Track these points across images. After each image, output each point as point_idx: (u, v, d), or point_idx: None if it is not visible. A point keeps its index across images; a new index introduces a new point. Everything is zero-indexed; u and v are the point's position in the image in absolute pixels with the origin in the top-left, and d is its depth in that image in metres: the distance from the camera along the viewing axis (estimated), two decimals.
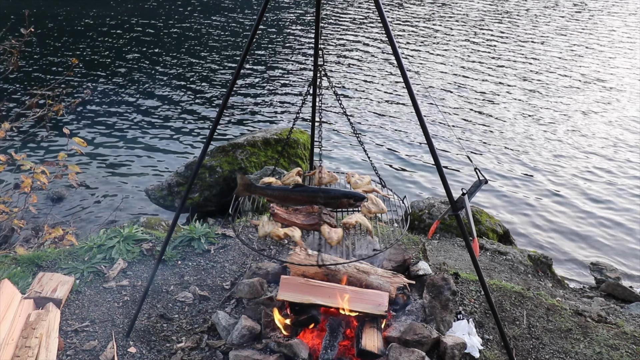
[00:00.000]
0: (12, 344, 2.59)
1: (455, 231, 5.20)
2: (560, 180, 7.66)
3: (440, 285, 3.04)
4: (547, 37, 16.19)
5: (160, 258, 2.83)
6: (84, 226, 6.12)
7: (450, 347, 2.76)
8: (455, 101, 10.50)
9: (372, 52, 13.87)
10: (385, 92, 10.96)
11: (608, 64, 13.49)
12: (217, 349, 2.82)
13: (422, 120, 2.35)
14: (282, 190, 2.67)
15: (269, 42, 14.56)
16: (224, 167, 6.32)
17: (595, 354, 3.00)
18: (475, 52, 14.07)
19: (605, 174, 7.90)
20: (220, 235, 3.97)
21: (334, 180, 2.92)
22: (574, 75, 12.54)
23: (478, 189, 2.51)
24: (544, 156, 8.38)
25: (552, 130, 9.32)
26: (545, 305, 3.39)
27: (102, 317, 3.06)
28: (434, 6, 20.28)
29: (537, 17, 19.07)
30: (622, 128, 9.55)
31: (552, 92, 11.25)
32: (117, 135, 8.55)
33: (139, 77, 11.25)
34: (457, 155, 8.28)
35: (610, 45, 15.45)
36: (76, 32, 14.27)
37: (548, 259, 4.99)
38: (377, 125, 9.34)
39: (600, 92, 11.37)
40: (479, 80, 11.81)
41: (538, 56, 13.97)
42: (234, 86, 2.56)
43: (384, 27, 2.30)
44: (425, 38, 15.38)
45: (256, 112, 9.85)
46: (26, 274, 3.37)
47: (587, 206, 7.04)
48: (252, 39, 2.49)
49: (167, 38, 14.27)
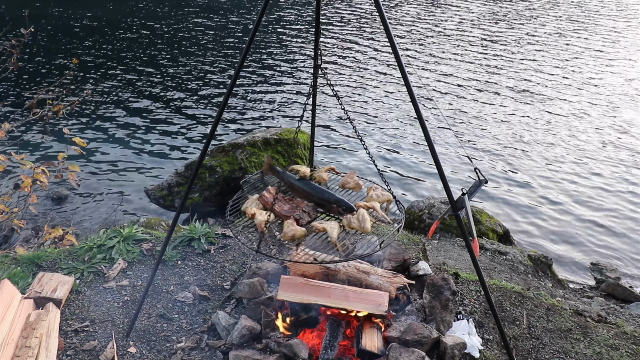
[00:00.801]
0: (12, 344, 2.59)
1: (455, 231, 5.20)
2: (561, 180, 7.66)
3: (440, 285, 3.04)
4: (547, 38, 16.20)
5: (160, 258, 2.83)
6: (84, 226, 6.11)
7: (450, 347, 2.76)
8: (456, 101, 10.50)
9: (372, 52, 13.88)
10: (385, 92, 10.96)
11: (606, 67, 13.49)
12: (217, 349, 2.82)
13: (422, 120, 2.34)
14: (290, 178, 2.76)
15: (268, 42, 14.56)
16: (224, 167, 6.32)
17: (595, 354, 3.00)
18: (476, 52, 14.07)
19: (605, 174, 7.90)
20: (220, 235, 3.97)
21: (357, 188, 2.93)
22: (573, 77, 12.55)
23: (478, 189, 2.52)
24: (544, 156, 8.38)
25: (552, 131, 9.32)
26: (545, 305, 3.39)
27: (102, 317, 3.06)
28: (434, 7, 20.28)
29: (536, 19, 19.08)
30: (623, 129, 9.55)
31: (553, 93, 11.25)
32: (117, 135, 8.55)
33: (138, 77, 11.25)
34: (457, 156, 8.28)
35: (611, 47, 15.46)
36: (75, 32, 14.27)
37: (548, 259, 4.99)
38: (377, 125, 9.34)
39: (599, 95, 11.37)
40: (478, 80, 11.81)
41: (538, 57, 13.98)
42: (233, 86, 2.56)
43: (384, 27, 2.30)
44: (425, 38, 15.38)
45: (256, 112, 9.86)
46: (26, 274, 3.37)
47: (587, 206, 7.05)
48: (251, 39, 2.49)
49: (166, 38, 14.27)
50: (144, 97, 10.17)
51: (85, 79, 10.81)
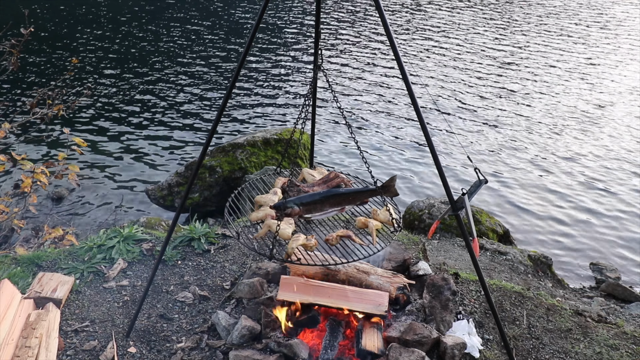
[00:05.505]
0: (12, 344, 2.59)
1: (455, 231, 5.20)
2: (560, 180, 7.66)
3: (440, 285, 3.04)
4: (548, 38, 16.20)
5: (160, 258, 2.83)
6: (84, 226, 6.11)
7: (450, 347, 2.76)
8: (456, 101, 10.50)
9: (371, 52, 13.88)
10: (385, 92, 10.96)
11: (615, 67, 13.50)
12: (217, 349, 2.82)
13: (422, 120, 2.34)
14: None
15: (268, 42, 14.56)
16: (224, 167, 6.33)
17: (595, 354, 3.00)
18: (475, 53, 14.07)
19: (605, 174, 7.90)
20: (220, 235, 3.97)
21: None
22: (578, 77, 12.55)
23: (478, 189, 2.52)
24: (544, 156, 8.38)
25: (552, 131, 9.32)
26: (545, 305, 3.39)
27: (102, 317, 3.06)
28: (433, 8, 20.28)
29: (542, 19, 19.08)
30: (623, 130, 9.55)
31: (553, 93, 11.25)
32: (117, 135, 8.55)
33: (138, 77, 11.25)
34: (457, 155, 8.28)
35: (620, 48, 15.47)
36: (76, 31, 14.26)
37: (548, 259, 4.99)
38: (377, 125, 9.34)
39: (601, 93, 11.37)
40: (479, 81, 11.81)
41: (538, 58, 13.98)
42: (234, 86, 2.56)
43: (384, 27, 2.30)
44: (426, 38, 15.38)
45: (256, 112, 9.86)
46: (26, 274, 3.37)
47: (587, 206, 7.05)
48: (251, 39, 2.49)
49: (166, 38, 14.26)
50: (144, 97, 10.17)
51: (85, 79, 10.81)
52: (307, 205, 2.48)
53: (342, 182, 2.87)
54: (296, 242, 2.45)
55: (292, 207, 2.43)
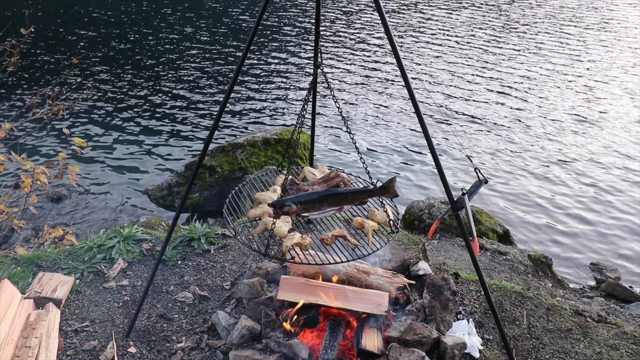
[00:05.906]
0: (12, 344, 2.59)
1: (455, 231, 5.20)
2: (560, 180, 7.66)
3: (440, 285, 3.04)
4: (547, 39, 16.20)
5: (160, 258, 2.83)
6: (84, 226, 6.11)
7: (450, 347, 2.76)
8: (456, 102, 10.50)
9: (372, 52, 13.88)
10: (385, 92, 10.96)
11: (614, 68, 13.49)
12: (217, 349, 2.82)
13: (422, 120, 2.34)
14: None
15: (268, 42, 14.56)
16: (224, 167, 6.33)
17: (595, 354, 3.00)
18: (476, 53, 14.07)
19: (605, 174, 7.90)
20: (220, 235, 3.97)
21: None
22: (576, 78, 12.55)
23: (478, 189, 2.52)
24: (544, 157, 8.38)
25: (552, 132, 9.32)
26: (545, 305, 3.39)
27: (102, 317, 3.06)
28: (434, 9, 20.29)
29: (544, 21, 19.08)
30: (623, 131, 9.55)
31: (554, 93, 11.25)
32: (117, 135, 8.55)
33: (138, 77, 11.25)
34: (457, 155, 8.28)
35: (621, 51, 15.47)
36: (74, 32, 14.26)
37: (548, 259, 4.99)
38: (376, 125, 9.34)
39: (603, 97, 11.37)
40: (479, 81, 11.81)
41: (538, 58, 13.98)
42: (234, 86, 2.56)
43: (384, 27, 2.30)
44: (426, 38, 15.38)
45: (256, 112, 9.86)
46: (26, 274, 3.37)
47: (587, 206, 7.04)
48: (251, 39, 2.49)
49: (166, 38, 14.27)
50: (145, 97, 10.17)
51: (85, 79, 10.81)
52: (304, 204, 2.47)
53: (342, 181, 2.87)
54: (291, 241, 2.46)
55: (289, 205, 2.42)
